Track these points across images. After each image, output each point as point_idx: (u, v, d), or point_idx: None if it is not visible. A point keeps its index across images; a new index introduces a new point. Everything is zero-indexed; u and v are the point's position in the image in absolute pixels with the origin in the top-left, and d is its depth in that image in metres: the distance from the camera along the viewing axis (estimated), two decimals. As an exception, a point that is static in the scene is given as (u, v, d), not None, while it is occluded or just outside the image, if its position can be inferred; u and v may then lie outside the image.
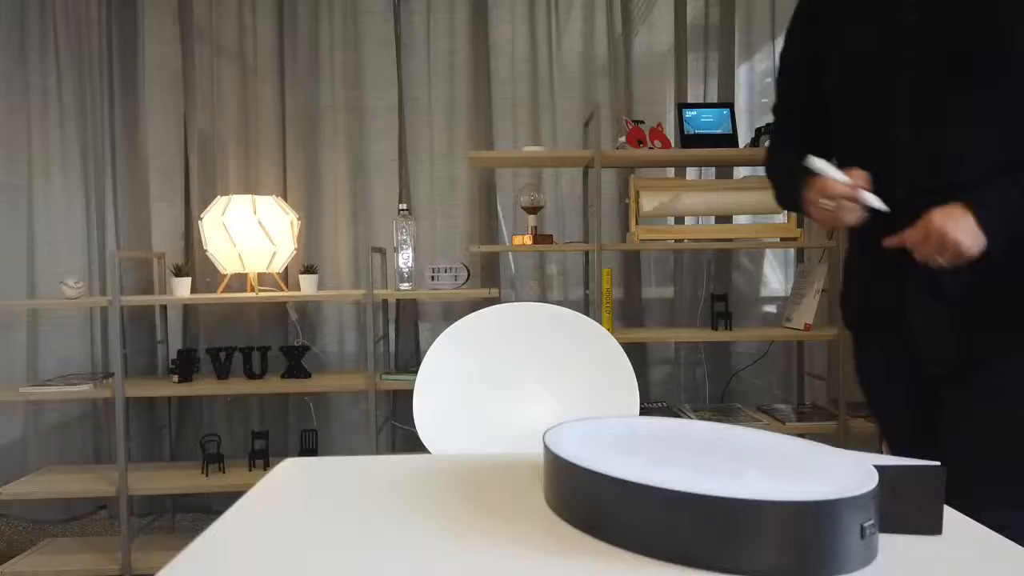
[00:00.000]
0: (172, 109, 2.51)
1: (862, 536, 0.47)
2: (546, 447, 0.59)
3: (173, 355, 2.36)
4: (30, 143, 2.46)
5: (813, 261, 2.24)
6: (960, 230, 0.89)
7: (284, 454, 2.48)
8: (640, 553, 0.49)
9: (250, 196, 2.25)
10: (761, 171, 2.36)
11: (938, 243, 0.90)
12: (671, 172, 2.53)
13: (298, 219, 2.37)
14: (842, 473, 0.52)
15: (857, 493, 0.47)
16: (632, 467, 0.52)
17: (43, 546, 2.29)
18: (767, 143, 1.28)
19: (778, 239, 2.18)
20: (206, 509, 2.54)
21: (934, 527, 0.55)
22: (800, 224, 2.15)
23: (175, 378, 2.24)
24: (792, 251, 2.53)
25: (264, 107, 2.53)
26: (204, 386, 2.19)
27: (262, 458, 2.28)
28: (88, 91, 2.48)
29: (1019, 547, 0.52)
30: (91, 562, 2.14)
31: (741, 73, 2.55)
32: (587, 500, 0.53)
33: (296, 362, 2.29)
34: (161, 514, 2.51)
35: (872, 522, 0.48)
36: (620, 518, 0.50)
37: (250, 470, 2.25)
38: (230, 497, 2.01)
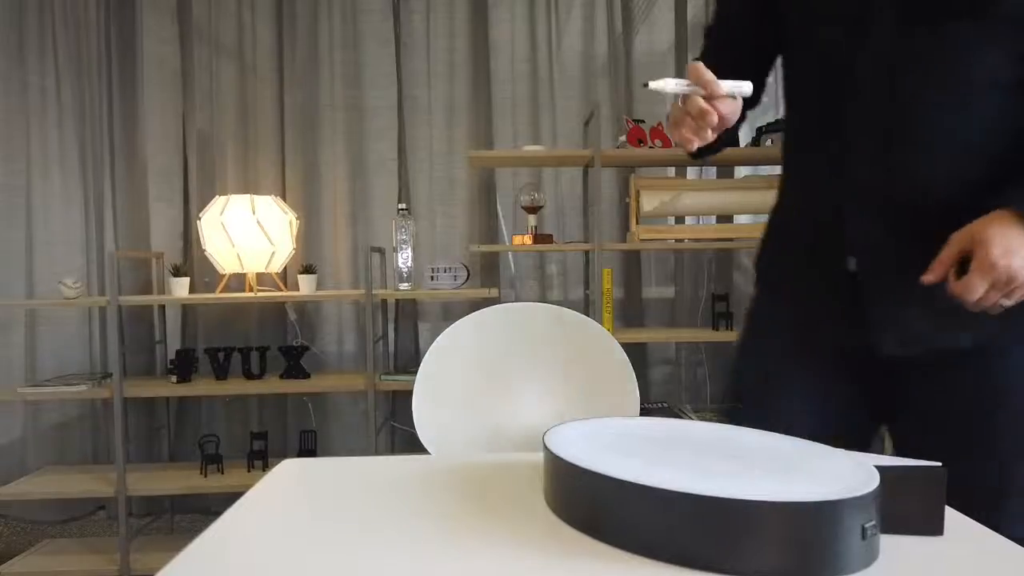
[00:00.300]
0: (171, 109, 2.51)
1: (863, 537, 0.47)
2: (546, 447, 0.59)
3: (172, 355, 2.36)
4: (29, 143, 2.45)
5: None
6: None
7: (283, 455, 2.48)
8: (640, 554, 0.49)
9: (249, 196, 2.25)
10: (764, 170, 2.37)
11: (1007, 287, 0.72)
12: (671, 171, 2.53)
13: (297, 219, 2.36)
14: (843, 474, 0.51)
15: (858, 494, 0.47)
16: (632, 467, 0.52)
17: (41, 547, 2.29)
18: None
19: (778, 239, 2.17)
20: (205, 510, 2.53)
21: (935, 528, 0.55)
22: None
23: (174, 378, 2.24)
24: (792, 251, 2.53)
25: (263, 106, 2.52)
26: (203, 386, 2.19)
27: (261, 459, 2.28)
28: (87, 91, 2.48)
29: (1020, 547, 0.52)
30: (89, 563, 2.14)
31: (741, 73, 2.55)
32: (587, 501, 0.53)
33: (295, 362, 2.29)
34: (160, 515, 2.51)
35: (873, 523, 0.48)
36: (620, 519, 0.50)
37: (249, 471, 2.25)
38: (229, 498, 2.01)
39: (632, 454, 0.56)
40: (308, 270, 2.34)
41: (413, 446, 2.50)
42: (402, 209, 2.32)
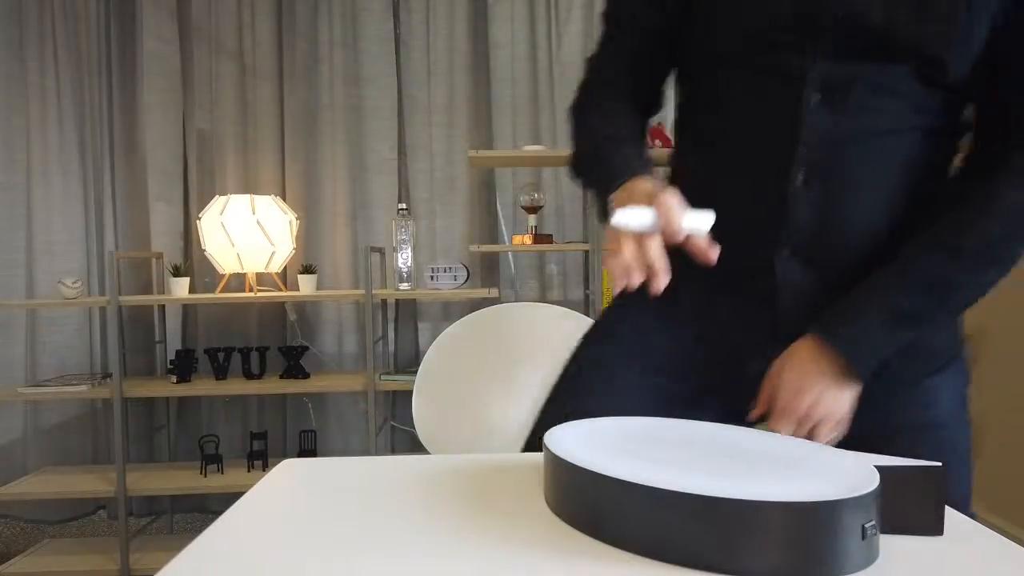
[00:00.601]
0: (171, 108, 2.51)
1: (863, 537, 0.47)
2: (546, 447, 0.59)
3: (172, 355, 2.36)
4: (28, 142, 2.45)
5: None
6: (825, 398, 0.70)
7: (283, 455, 2.48)
8: (640, 554, 0.49)
9: (248, 196, 2.25)
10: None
11: (808, 426, 0.71)
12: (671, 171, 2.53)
13: (297, 219, 2.36)
14: (843, 473, 0.51)
15: (858, 494, 0.47)
16: (632, 467, 0.52)
17: (42, 547, 2.29)
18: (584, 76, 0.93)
19: (778, 239, 2.17)
20: (204, 510, 2.54)
21: (935, 528, 0.55)
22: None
23: (173, 378, 2.24)
24: (792, 251, 2.53)
25: (263, 106, 2.52)
26: (203, 386, 2.19)
27: (261, 459, 2.28)
28: (86, 90, 2.47)
29: (1020, 548, 0.52)
30: (90, 563, 2.14)
31: (741, 73, 2.55)
32: (587, 501, 0.53)
33: (295, 362, 2.29)
34: (160, 515, 2.51)
35: (873, 523, 0.48)
36: (620, 519, 0.50)
37: (248, 471, 2.25)
38: (229, 498, 2.01)
39: (633, 454, 0.56)
40: (308, 270, 2.34)
41: (413, 446, 2.50)
42: (402, 209, 2.32)
